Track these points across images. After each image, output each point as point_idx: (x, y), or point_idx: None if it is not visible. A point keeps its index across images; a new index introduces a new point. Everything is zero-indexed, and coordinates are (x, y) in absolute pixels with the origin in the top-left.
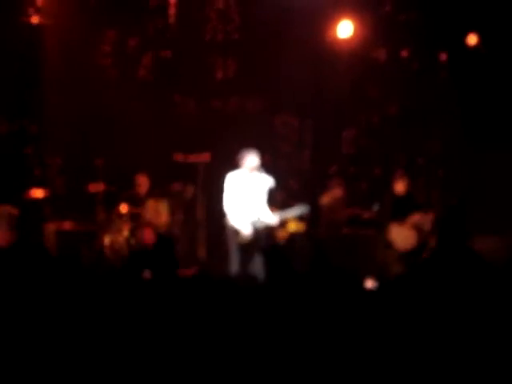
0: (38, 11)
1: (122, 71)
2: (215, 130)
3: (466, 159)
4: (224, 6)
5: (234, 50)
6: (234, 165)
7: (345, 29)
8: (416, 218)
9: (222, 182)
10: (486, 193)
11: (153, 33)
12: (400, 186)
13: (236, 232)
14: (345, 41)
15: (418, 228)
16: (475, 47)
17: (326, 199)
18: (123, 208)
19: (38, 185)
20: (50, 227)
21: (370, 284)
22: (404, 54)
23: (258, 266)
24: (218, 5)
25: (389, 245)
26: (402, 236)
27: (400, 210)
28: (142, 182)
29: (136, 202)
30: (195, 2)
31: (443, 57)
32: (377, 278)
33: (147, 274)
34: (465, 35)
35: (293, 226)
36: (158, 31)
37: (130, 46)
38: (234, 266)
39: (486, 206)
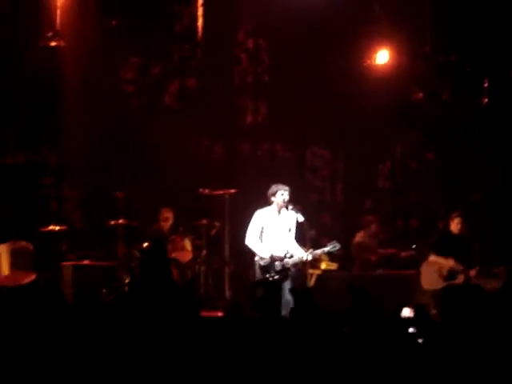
0: (57, 35)
1: (146, 100)
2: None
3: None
4: (254, 46)
5: (263, 91)
6: (261, 200)
7: (382, 57)
8: (452, 262)
9: (250, 218)
10: None
11: (178, 62)
12: (455, 226)
13: (264, 270)
14: (381, 71)
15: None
16: None
17: (360, 237)
18: (146, 244)
19: (56, 218)
20: (68, 263)
21: (407, 312)
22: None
23: (287, 305)
24: (247, 45)
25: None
26: (430, 273)
27: (445, 246)
28: (168, 217)
29: (160, 237)
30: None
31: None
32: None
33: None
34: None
35: (324, 265)
36: (184, 61)
37: (154, 73)
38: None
39: None
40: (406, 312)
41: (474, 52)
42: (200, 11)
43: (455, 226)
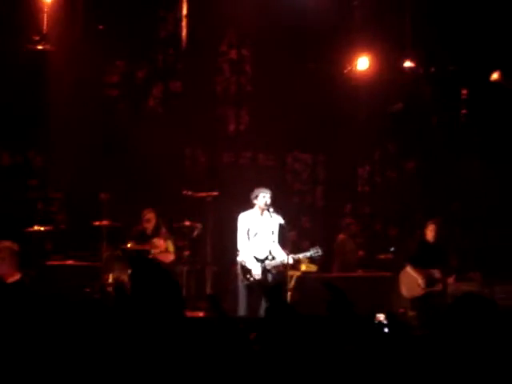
0: (43, 38)
1: (131, 103)
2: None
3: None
4: (237, 56)
5: (246, 101)
6: (244, 203)
7: (362, 64)
8: (434, 273)
9: (232, 220)
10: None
11: (162, 66)
12: (430, 234)
13: (246, 271)
14: (361, 77)
15: (427, 281)
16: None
17: (342, 239)
18: (129, 245)
19: (41, 219)
20: (52, 263)
21: (380, 317)
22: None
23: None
24: (230, 55)
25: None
26: (408, 282)
27: (422, 257)
28: (150, 218)
29: (143, 238)
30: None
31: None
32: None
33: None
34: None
35: (304, 267)
36: (168, 65)
37: (139, 77)
38: (242, 307)
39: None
40: (381, 317)
41: (453, 61)
42: (184, 22)
43: (430, 233)
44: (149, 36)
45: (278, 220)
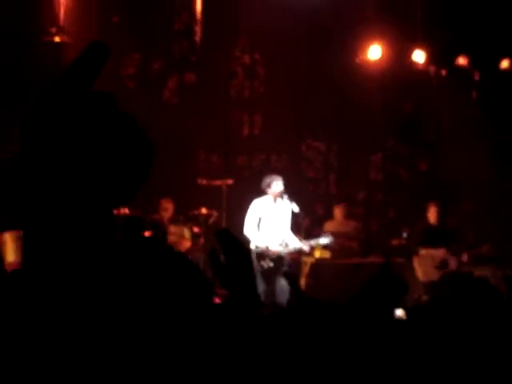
0: (60, 30)
1: (146, 94)
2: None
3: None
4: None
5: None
6: (258, 190)
7: (374, 53)
8: (443, 253)
9: (247, 208)
10: None
11: (177, 57)
12: (432, 215)
13: (260, 258)
14: (374, 64)
15: (442, 262)
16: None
17: (328, 226)
18: (146, 234)
19: None
20: None
21: (400, 313)
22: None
23: (282, 293)
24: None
25: (415, 276)
26: (424, 266)
27: (431, 239)
28: (167, 207)
29: (159, 227)
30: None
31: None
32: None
33: None
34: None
35: (318, 253)
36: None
37: (154, 68)
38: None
39: None
40: (399, 312)
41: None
42: (198, 16)
43: (432, 215)
44: (164, 28)
45: (293, 207)
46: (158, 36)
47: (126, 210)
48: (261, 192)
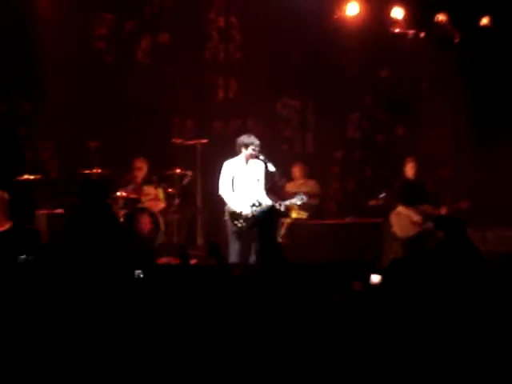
0: None
1: (120, 53)
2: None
3: (475, 155)
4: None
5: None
6: (233, 150)
7: (352, 9)
8: (426, 208)
9: (221, 168)
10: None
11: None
12: (409, 171)
13: (234, 218)
14: (352, 22)
15: (422, 217)
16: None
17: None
18: (120, 193)
19: (30, 168)
20: (42, 212)
21: (376, 279)
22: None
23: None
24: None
25: (393, 234)
26: (401, 222)
27: (409, 195)
28: (141, 167)
29: (133, 186)
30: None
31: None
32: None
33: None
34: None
35: (295, 214)
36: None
37: (128, 28)
38: (233, 253)
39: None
40: (375, 278)
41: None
42: None
43: (410, 170)
44: None
45: (269, 167)
46: None
47: (99, 170)
48: (235, 153)
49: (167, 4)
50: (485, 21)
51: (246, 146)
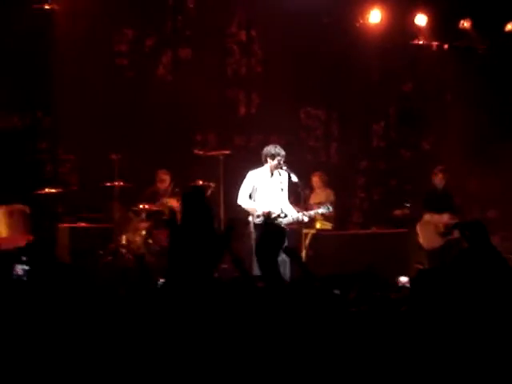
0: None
1: (141, 68)
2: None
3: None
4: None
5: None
6: (256, 161)
7: (374, 17)
8: (447, 218)
9: (244, 179)
10: None
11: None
12: (438, 180)
13: (259, 230)
14: (375, 29)
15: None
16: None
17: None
18: (142, 206)
19: (51, 181)
20: (64, 225)
21: (403, 281)
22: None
23: (283, 264)
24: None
25: (419, 244)
26: (428, 233)
27: (433, 203)
28: (165, 179)
29: (155, 199)
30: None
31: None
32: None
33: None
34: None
35: (319, 224)
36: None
37: (148, 44)
38: (257, 265)
39: None
40: (403, 279)
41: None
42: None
43: (439, 180)
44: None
45: (293, 178)
46: (150, 11)
47: (121, 183)
48: (258, 164)
49: (188, 19)
50: (510, 26)
51: (273, 156)
